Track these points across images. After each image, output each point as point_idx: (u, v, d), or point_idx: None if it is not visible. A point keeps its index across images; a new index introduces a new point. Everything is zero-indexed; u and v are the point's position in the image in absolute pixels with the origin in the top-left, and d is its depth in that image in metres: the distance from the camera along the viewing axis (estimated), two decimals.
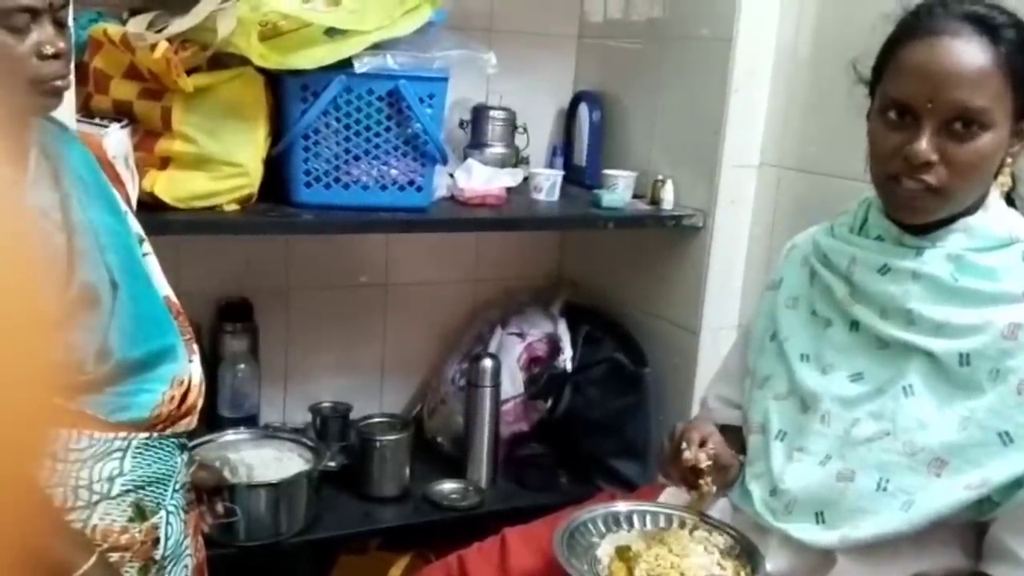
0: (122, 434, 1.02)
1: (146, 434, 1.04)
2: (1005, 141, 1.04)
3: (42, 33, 0.97)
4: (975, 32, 1.01)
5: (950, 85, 1.00)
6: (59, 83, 1.00)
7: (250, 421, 1.78)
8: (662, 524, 1.19)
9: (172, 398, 1.07)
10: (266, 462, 1.60)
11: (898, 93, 1.04)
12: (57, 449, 0.93)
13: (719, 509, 1.21)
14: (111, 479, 1.02)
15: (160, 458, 1.07)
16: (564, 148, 2.04)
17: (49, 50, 0.97)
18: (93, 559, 0.95)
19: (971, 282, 1.05)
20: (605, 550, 1.14)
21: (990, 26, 1.01)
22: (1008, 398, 1.00)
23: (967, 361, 1.03)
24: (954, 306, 1.05)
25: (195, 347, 1.13)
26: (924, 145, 1.01)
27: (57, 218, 1.00)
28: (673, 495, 1.29)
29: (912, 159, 1.01)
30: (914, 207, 1.05)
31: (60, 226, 1.00)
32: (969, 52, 1.00)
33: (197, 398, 1.12)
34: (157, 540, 1.07)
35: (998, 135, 1.02)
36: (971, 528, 1.07)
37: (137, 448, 1.04)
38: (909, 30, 1.05)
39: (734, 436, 1.25)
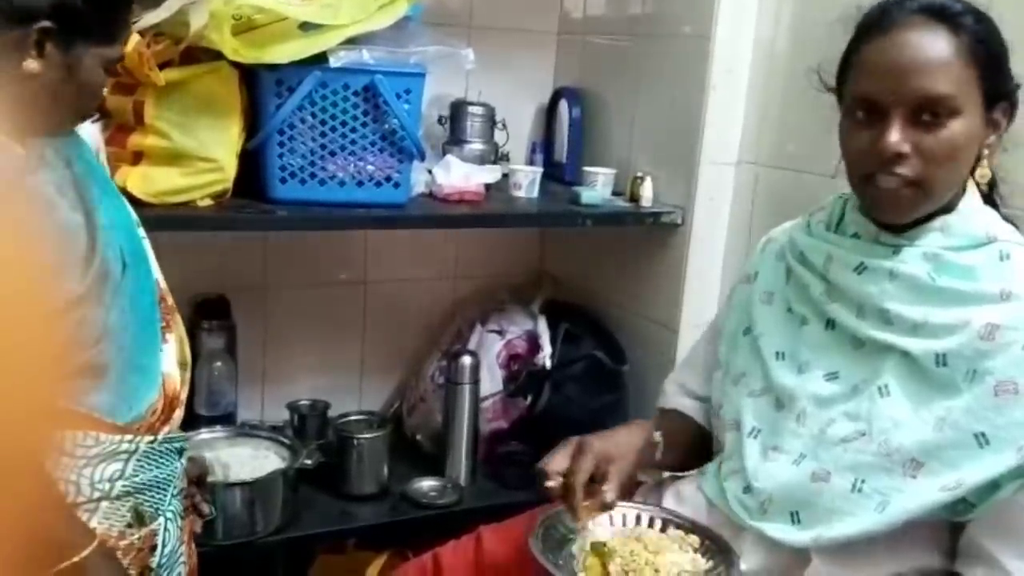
0: (128, 436, 1.01)
1: (150, 438, 1.04)
2: (978, 130, 1.03)
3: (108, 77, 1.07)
4: (933, 23, 1.01)
5: (912, 76, 1.01)
6: (87, 115, 1.09)
7: (227, 419, 1.77)
8: (637, 522, 1.18)
9: (163, 394, 1.07)
10: (242, 460, 1.59)
11: (863, 91, 1.04)
12: (64, 442, 0.92)
13: (693, 504, 1.21)
14: (112, 480, 1.01)
15: (160, 463, 1.07)
16: (544, 145, 2.04)
17: (105, 92, 1.11)
18: (94, 544, 0.95)
19: (948, 281, 1.04)
20: (580, 546, 1.13)
21: (948, 16, 1.02)
22: (984, 399, 0.99)
23: (944, 361, 1.02)
24: (931, 306, 1.04)
25: (168, 336, 1.12)
26: (894, 137, 1.01)
27: (72, 196, 1.00)
28: (646, 495, 1.29)
29: (884, 153, 1.01)
30: (895, 203, 1.05)
31: (75, 204, 0.99)
32: (928, 42, 1.01)
33: (179, 385, 1.11)
34: (154, 547, 1.06)
35: (969, 122, 1.02)
36: (946, 528, 1.07)
37: (144, 452, 1.03)
38: (867, 30, 1.06)
39: (678, 424, 1.28)
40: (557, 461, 1.14)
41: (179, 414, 1.10)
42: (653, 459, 1.24)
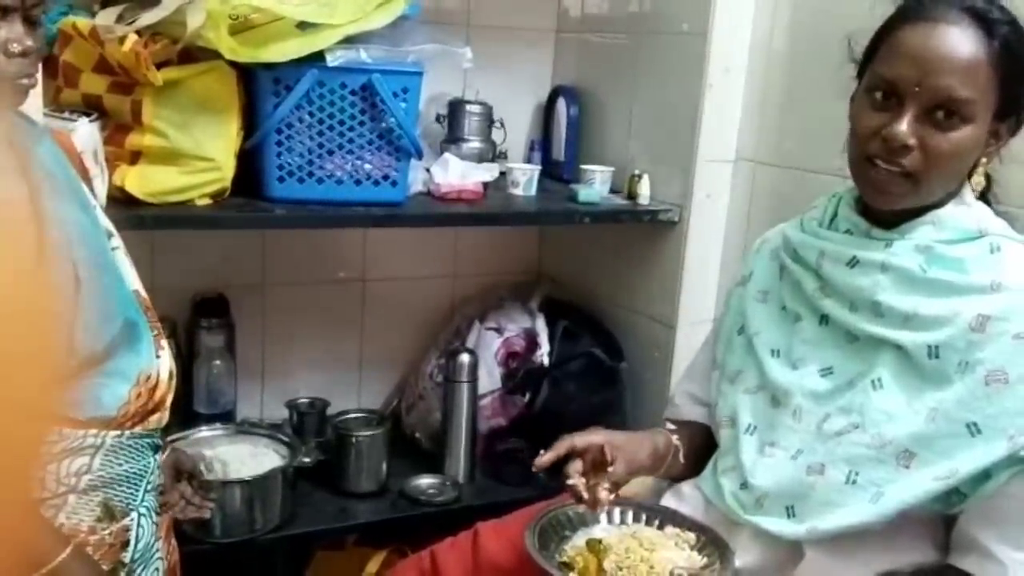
0: (92, 431, 1.01)
1: (117, 432, 1.03)
2: (983, 139, 1.04)
3: (11, 30, 0.96)
4: (972, 24, 1.01)
5: (940, 71, 1.00)
6: (24, 81, 0.99)
7: (226, 417, 1.77)
8: (635, 520, 1.19)
9: (139, 395, 1.06)
10: (241, 458, 1.60)
11: (888, 73, 1.04)
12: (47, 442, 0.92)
13: (692, 501, 1.21)
14: (78, 475, 1.01)
15: (131, 458, 1.06)
16: (542, 143, 2.04)
17: (16, 48, 0.96)
18: (68, 550, 0.94)
19: (940, 273, 1.05)
20: (576, 543, 1.14)
21: (987, 20, 1.01)
22: (976, 389, 1.00)
23: (936, 353, 1.03)
24: (922, 296, 1.05)
25: (163, 343, 1.12)
26: (904, 128, 1.01)
27: (26, 210, 0.99)
28: (645, 493, 1.29)
29: (891, 141, 1.02)
30: (886, 191, 1.05)
31: (29, 218, 0.99)
32: (964, 42, 1.01)
33: (166, 393, 1.10)
34: (127, 543, 1.06)
35: (977, 131, 1.02)
36: (940, 522, 1.08)
37: (111, 447, 1.03)
38: (907, 14, 1.05)
39: (694, 431, 1.26)
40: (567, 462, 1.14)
41: (157, 417, 1.09)
42: (678, 464, 1.23)
